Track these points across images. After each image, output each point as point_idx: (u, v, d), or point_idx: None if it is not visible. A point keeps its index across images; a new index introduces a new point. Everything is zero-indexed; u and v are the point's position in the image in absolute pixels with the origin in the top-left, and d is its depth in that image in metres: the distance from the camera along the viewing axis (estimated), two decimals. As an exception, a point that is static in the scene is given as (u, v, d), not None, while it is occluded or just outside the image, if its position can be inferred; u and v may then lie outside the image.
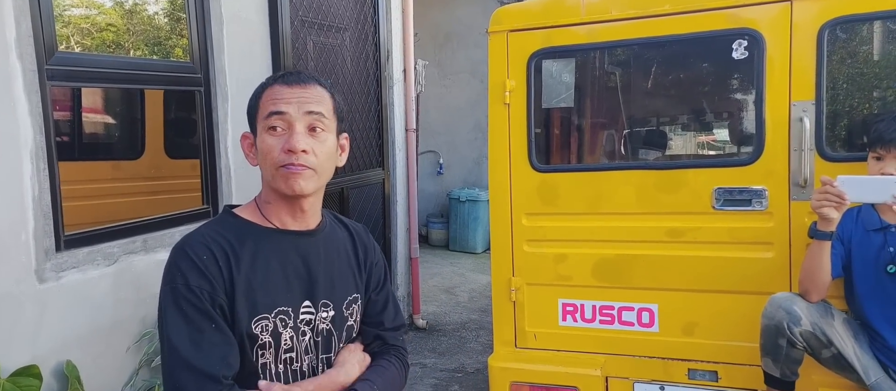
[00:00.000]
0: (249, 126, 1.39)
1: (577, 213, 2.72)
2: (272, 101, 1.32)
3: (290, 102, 1.31)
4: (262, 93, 1.36)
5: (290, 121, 1.31)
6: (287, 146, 1.29)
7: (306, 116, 1.32)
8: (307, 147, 1.31)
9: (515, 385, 2.72)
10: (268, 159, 1.32)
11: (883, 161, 2.10)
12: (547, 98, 2.87)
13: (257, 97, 1.37)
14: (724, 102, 2.99)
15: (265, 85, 1.37)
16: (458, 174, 8.60)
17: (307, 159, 1.31)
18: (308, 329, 1.37)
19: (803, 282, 2.22)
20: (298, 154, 1.29)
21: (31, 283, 2.37)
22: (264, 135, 1.33)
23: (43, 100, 2.40)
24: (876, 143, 2.12)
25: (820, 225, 2.12)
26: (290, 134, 1.30)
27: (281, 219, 1.38)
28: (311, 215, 1.41)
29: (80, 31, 3.71)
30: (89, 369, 2.53)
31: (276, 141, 1.31)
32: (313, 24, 4.09)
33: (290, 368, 1.35)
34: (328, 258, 1.43)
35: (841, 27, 2.42)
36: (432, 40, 8.26)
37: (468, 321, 5.41)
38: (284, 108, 1.31)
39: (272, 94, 1.34)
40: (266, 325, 1.30)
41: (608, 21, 2.62)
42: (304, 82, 1.35)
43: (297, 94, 1.32)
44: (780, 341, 2.18)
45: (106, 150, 4.30)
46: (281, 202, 1.37)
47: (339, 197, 4.30)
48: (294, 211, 1.38)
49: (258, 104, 1.36)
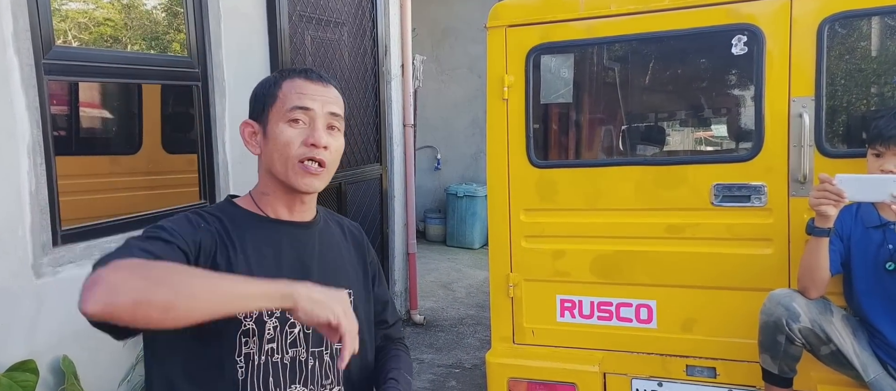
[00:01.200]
0: (254, 114, 1.39)
1: (575, 209, 2.72)
2: (298, 95, 1.34)
3: (315, 99, 1.35)
4: (282, 83, 1.36)
5: (314, 117, 1.34)
6: (311, 139, 1.32)
7: (328, 116, 1.36)
8: (327, 143, 1.34)
9: (513, 381, 2.71)
10: (286, 150, 1.33)
11: (882, 158, 2.10)
12: (545, 93, 2.86)
13: (275, 86, 1.37)
14: (723, 98, 2.99)
15: (283, 77, 1.38)
16: (455, 169, 8.60)
17: (325, 155, 1.34)
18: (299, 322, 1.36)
19: (802, 279, 2.22)
20: (320, 149, 1.33)
21: (28, 278, 2.36)
22: (283, 125, 1.33)
23: (40, 94, 2.39)
24: (875, 139, 2.12)
25: (817, 222, 2.12)
26: (313, 129, 1.33)
27: (276, 211, 1.39)
28: (308, 209, 1.43)
29: (78, 25, 3.70)
30: (86, 364, 2.52)
31: (296, 133, 1.33)
32: (311, 18, 4.08)
33: (271, 360, 1.31)
34: (323, 251, 1.43)
35: (840, 23, 2.41)
36: (430, 36, 8.25)
37: (466, 317, 5.41)
38: (310, 104, 1.34)
39: (296, 87, 1.35)
40: (253, 314, 1.28)
41: (607, 16, 2.61)
42: (325, 81, 1.38)
43: (321, 93, 1.36)
44: (778, 338, 2.18)
45: (103, 145, 4.29)
46: (279, 194, 1.37)
47: (336, 192, 4.29)
48: (292, 203, 1.39)
49: (277, 94, 1.36)
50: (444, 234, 8.29)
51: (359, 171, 4.60)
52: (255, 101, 1.40)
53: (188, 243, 1.23)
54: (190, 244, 1.23)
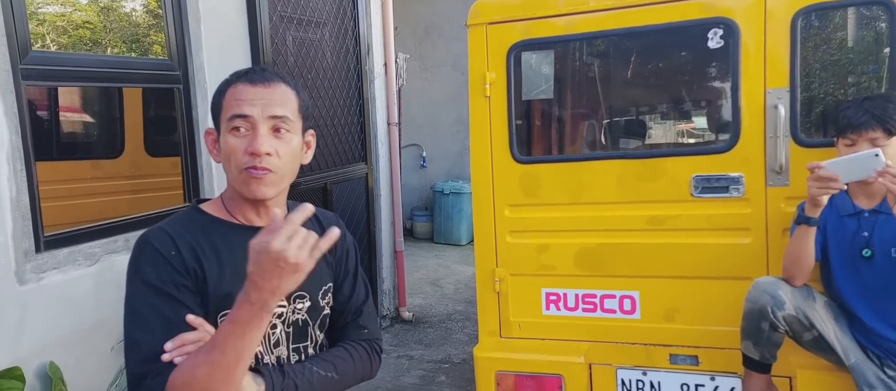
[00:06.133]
0: (213, 123, 1.37)
1: (558, 204, 2.75)
2: (236, 103, 1.29)
3: (253, 104, 1.29)
4: (226, 90, 1.33)
5: (254, 123, 1.29)
6: (250, 148, 1.28)
7: (270, 120, 1.30)
8: (271, 149, 1.29)
9: (501, 374, 2.74)
10: (231, 160, 1.30)
11: (856, 146, 2.14)
12: (527, 90, 2.89)
13: (221, 94, 1.34)
14: (702, 91, 3.03)
15: (229, 82, 1.34)
16: (441, 167, 8.61)
17: (270, 162, 1.29)
18: (279, 322, 1.37)
19: (788, 268, 2.25)
20: (262, 157, 1.27)
21: (12, 285, 2.35)
22: (227, 135, 1.30)
23: (18, 100, 2.37)
24: (846, 129, 2.15)
25: (809, 210, 2.15)
26: (254, 136, 1.28)
27: (246, 216, 1.37)
28: (275, 211, 1.41)
29: (56, 29, 3.67)
30: (73, 370, 2.52)
31: (238, 142, 1.29)
32: (292, 19, 4.07)
33: (260, 362, 1.33)
34: None
35: (815, 14, 2.46)
36: (412, 34, 8.24)
37: (454, 312, 5.44)
38: (248, 111, 1.28)
39: (235, 93, 1.31)
40: None
41: (586, 12, 2.64)
42: (268, 81, 1.32)
43: (261, 95, 1.30)
44: (762, 325, 2.22)
45: (85, 150, 4.25)
46: (245, 200, 1.36)
47: (322, 192, 4.29)
48: (258, 209, 1.37)
49: (222, 102, 1.33)
50: (431, 232, 8.31)
51: (344, 171, 4.60)
52: (211, 109, 1.37)
53: (186, 283, 1.26)
54: (188, 279, 1.26)
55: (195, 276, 1.27)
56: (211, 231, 1.34)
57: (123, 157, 4.11)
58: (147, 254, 1.26)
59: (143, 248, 1.27)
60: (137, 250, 1.28)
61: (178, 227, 1.32)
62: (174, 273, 1.25)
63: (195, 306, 1.26)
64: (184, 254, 1.27)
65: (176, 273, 1.25)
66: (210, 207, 1.39)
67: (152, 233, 1.30)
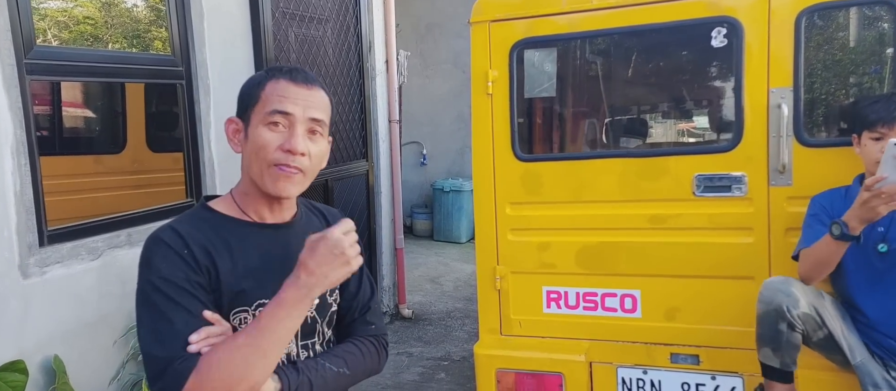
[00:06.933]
0: (240, 112, 1.37)
1: (560, 202, 2.75)
2: (279, 98, 1.31)
3: (296, 103, 1.31)
4: (266, 83, 1.33)
5: (294, 121, 1.31)
6: (287, 146, 1.29)
7: (309, 121, 1.32)
8: (305, 149, 1.31)
9: (501, 372, 2.75)
10: (261, 153, 1.30)
11: (883, 140, 2.09)
12: (529, 88, 2.89)
13: (259, 87, 1.34)
14: (704, 90, 3.03)
15: (268, 76, 1.35)
16: (441, 165, 8.62)
17: (302, 162, 1.31)
18: None
19: (810, 272, 2.20)
20: (296, 156, 1.29)
21: (15, 279, 2.35)
22: (262, 128, 1.31)
23: (22, 94, 2.38)
24: (876, 123, 2.11)
25: (857, 228, 2.05)
26: (291, 134, 1.30)
27: (258, 212, 1.37)
28: (288, 208, 1.42)
29: (57, 24, 3.66)
30: (76, 364, 2.52)
31: (274, 137, 1.30)
32: (295, 15, 4.07)
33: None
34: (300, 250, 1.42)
35: (818, 14, 2.46)
36: (414, 31, 8.24)
37: (454, 310, 5.44)
38: (291, 109, 1.30)
39: (279, 89, 1.32)
40: (244, 318, 1.30)
41: (589, 10, 2.65)
42: (310, 83, 1.35)
43: (304, 96, 1.32)
44: (780, 326, 2.15)
45: (88, 144, 4.25)
46: (259, 195, 1.36)
47: (323, 189, 4.30)
48: (272, 205, 1.38)
49: (260, 95, 1.33)
50: (431, 229, 8.32)
51: (345, 168, 4.61)
52: (241, 99, 1.38)
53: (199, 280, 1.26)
54: (201, 277, 1.27)
55: (208, 274, 1.27)
56: (222, 229, 1.33)
57: (126, 153, 4.11)
58: (160, 252, 1.26)
59: (156, 246, 1.27)
60: (149, 248, 1.27)
61: (188, 226, 1.31)
62: (188, 270, 1.25)
63: (209, 304, 1.26)
64: (196, 252, 1.27)
65: (190, 270, 1.25)
66: (220, 205, 1.38)
67: (163, 231, 1.29)
